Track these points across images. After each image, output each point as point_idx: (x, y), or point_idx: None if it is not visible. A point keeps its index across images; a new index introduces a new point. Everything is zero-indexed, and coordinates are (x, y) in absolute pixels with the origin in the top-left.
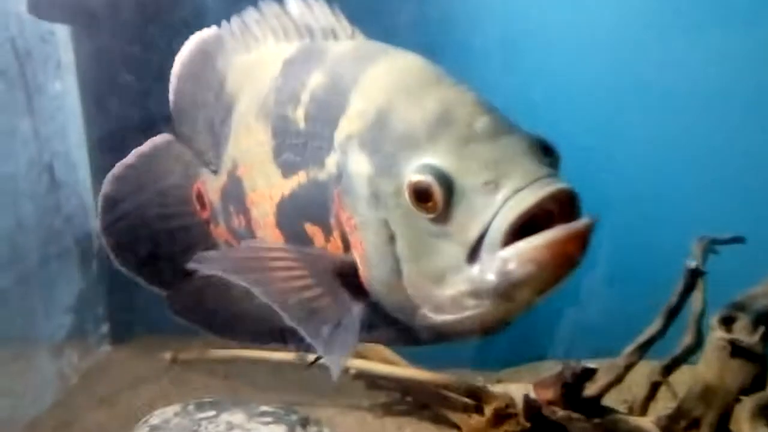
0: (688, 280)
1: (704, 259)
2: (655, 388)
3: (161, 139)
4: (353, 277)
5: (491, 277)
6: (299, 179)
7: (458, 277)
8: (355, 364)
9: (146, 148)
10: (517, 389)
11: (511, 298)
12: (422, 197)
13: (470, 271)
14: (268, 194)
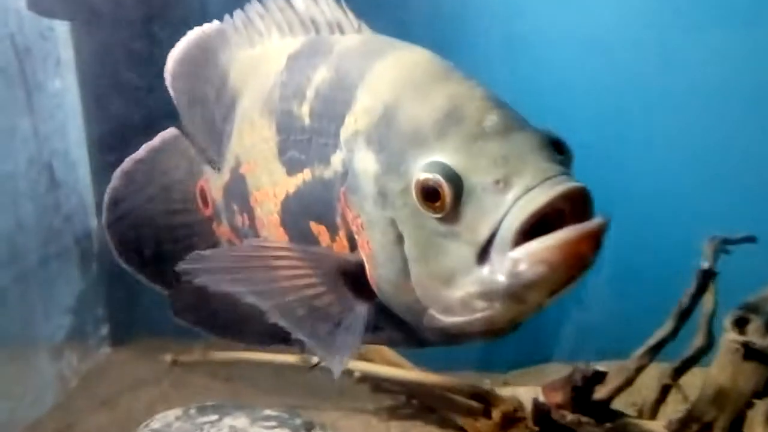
0: (700, 281)
1: (715, 259)
2: (665, 391)
3: (169, 133)
4: (360, 277)
5: (501, 278)
6: (304, 177)
7: (467, 278)
8: (359, 366)
9: (156, 142)
10: (525, 392)
11: (521, 299)
12: (430, 196)
13: (480, 272)
14: (272, 192)
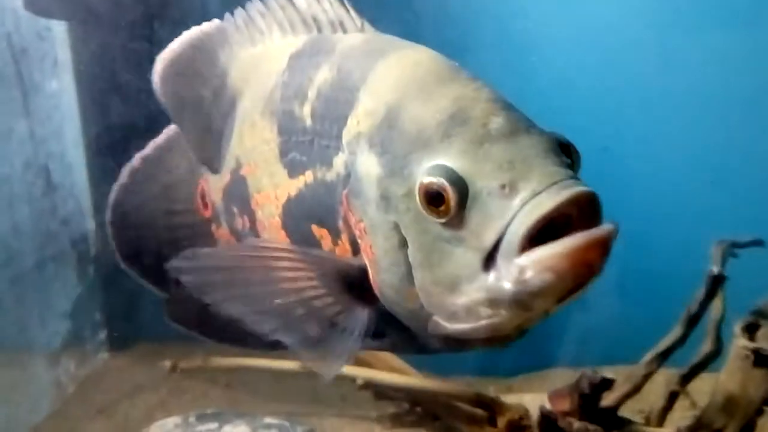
0: (709, 286)
1: (724, 263)
2: (673, 397)
3: (173, 130)
4: (362, 282)
5: (508, 285)
6: (306, 179)
7: (473, 285)
8: (362, 373)
9: (161, 139)
10: (531, 399)
11: (528, 307)
12: (434, 200)
13: (485, 278)
14: (273, 195)
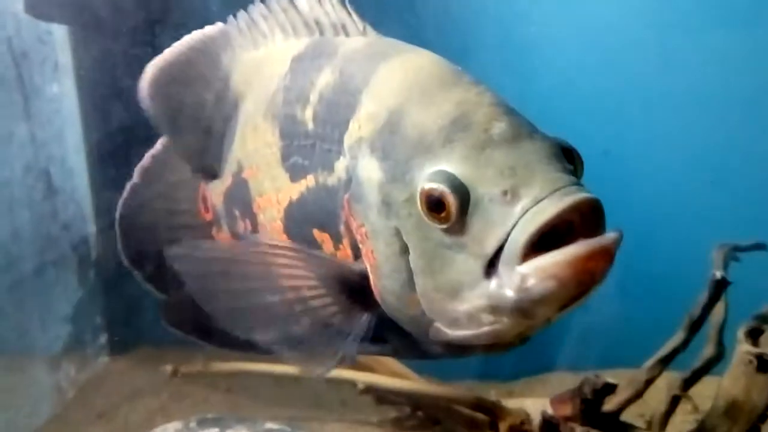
0: (712, 291)
1: (726, 267)
2: (675, 402)
3: None
4: (362, 286)
5: (510, 293)
6: (307, 183)
7: (474, 291)
8: (363, 377)
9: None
10: (533, 404)
11: (530, 314)
12: (435, 207)
13: (487, 285)
14: (275, 198)
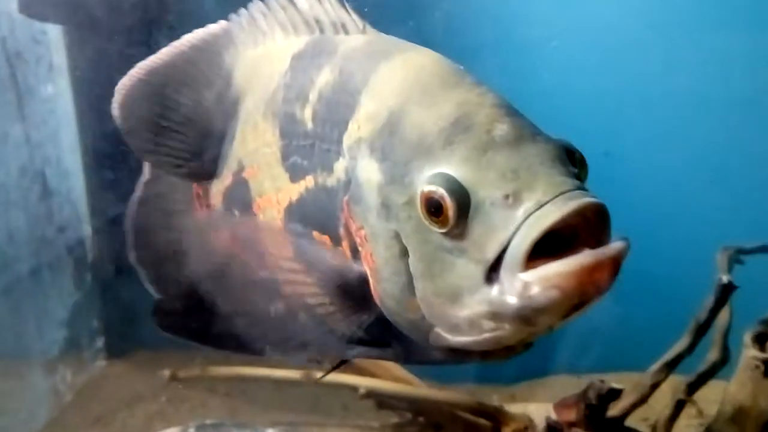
0: (718, 295)
1: (730, 270)
2: (679, 406)
3: None
4: (361, 288)
5: (512, 300)
6: (307, 184)
7: (475, 297)
8: (364, 382)
9: None
10: (536, 409)
11: (532, 322)
12: (434, 210)
13: (488, 291)
14: (275, 199)
